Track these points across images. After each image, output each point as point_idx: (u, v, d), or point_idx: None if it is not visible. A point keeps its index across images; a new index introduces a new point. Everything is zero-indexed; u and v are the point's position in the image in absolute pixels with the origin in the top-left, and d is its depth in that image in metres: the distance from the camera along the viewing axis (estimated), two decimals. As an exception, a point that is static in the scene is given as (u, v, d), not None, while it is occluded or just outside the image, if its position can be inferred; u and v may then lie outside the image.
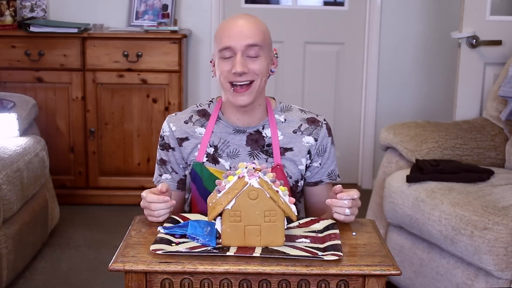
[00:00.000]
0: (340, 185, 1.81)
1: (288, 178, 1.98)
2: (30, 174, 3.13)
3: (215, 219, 1.61)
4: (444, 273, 2.66)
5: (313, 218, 1.83)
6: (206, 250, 1.57)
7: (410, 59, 4.41)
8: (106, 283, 3.08)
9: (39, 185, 3.31)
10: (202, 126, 1.99)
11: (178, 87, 3.97)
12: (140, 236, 1.69)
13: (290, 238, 1.67)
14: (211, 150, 1.98)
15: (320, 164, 2.02)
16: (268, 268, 1.51)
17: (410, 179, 2.81)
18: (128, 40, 3.93)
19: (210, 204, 1.64)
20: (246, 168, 1.61)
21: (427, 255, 2.75)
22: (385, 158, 3.21)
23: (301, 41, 4.45)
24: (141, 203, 1.81)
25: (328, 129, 2.03)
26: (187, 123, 2.00)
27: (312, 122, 2.01)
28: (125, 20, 4.25)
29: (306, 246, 1.63)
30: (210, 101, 2.05)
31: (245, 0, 4.42)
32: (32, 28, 3.88)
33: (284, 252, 1.57)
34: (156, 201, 1.76)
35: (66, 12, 4.23)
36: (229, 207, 1.58)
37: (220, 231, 1.61)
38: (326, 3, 4.56)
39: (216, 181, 1.66)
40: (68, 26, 3.92)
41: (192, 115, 2.02)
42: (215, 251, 1.57)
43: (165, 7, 4.18)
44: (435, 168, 2.80)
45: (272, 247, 1.60)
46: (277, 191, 1.60)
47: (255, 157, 1.97)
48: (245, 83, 1.88)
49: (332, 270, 1.51)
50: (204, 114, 2.01)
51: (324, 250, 1.59)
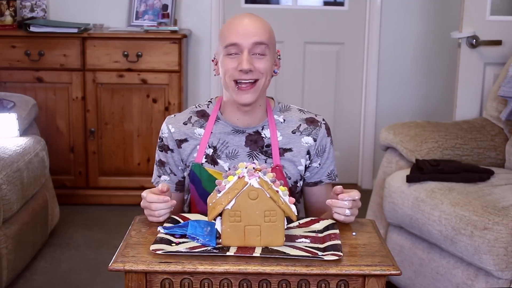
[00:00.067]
0: (341, 186, 1.81)
1: (287, 179, 1.97)
2: (30, 174, 3.13)
3: (215, 219, 1.61)
4: (444, 273, 2.66)
5: (313, 218, 1.82)
6: (206, 250, 1.57)
7: (410, 59, 4.41)
8: (106, 283, 3.08)
9: (39, 185, 3.31)
10: (201, 127, 1.99)
11: (178, 87, 3.97)
12: (140, 236, 1.69)
13: (290, 238, 1.67)
14: (210, 151, 1.97)
15: (319, 164, 2.01)
16: (268, 268, 1.51)
17: (410, 179, 2.81)
18: (128, 40, 3.93)
19: (210, 204, 1.64)
20: (246, 168, 1.61)
21: (427, 255, 2.75)
22: (385, 158, 3.21)
23: (301, 41, 4.45)
24: (141, 203, 1.80)
25: (327, 129, 2.02)
26: (186, 124, 1.99)
27: (311, 122, 2.00)
28: (125, 20, 4.25)
29: (306, 246, 1.62)
30: (209, 101, 2.04)
31: (245, 0, 4.42)
32: (32, 28, 3.88)
33: (284, 252, 1.56)
34: (157, 201, 1.76)
35: (66, 12, 4.23)
36: (229, 207, 1.58)
37: (220, 231, 1.61)
38: (326, 3, 4.56)
39: (216, 181, 1.65)
40: (68, 26, 3.92)
41: (191, 116, 2.01)
42: (215, 251, 1.57)
43: (165, 7, 4.18)
44: (435, 168, 2.80)
45: (272, 247, 1.59)
46: (277, 191, 1.60)
47: (254, 158, 1.96)
48: (249, 81, 1.87)
49: (332, 270, 1.51)
50: (203, 115, 2.01)
51: (324, 250, 1.59)
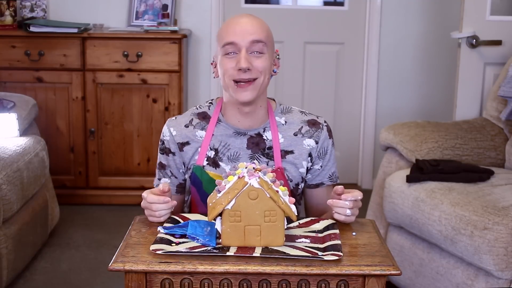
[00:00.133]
0: (342, 186, 1.81)
1: (289, 181, 1.97)
2: (30, 174, 3.13)
3: (215, 219, 1.61)
4: (444, 273, 2.66)
5: (313, 218, 1.82)
6: (206, 250, 1.57)
7: (410, 59, 4.41)
8: (106, 283, 3.08)
9: (39, 185, 3.31)
10: (202, 129, 1.98)
11: (178, 87, 3.97)
12: (140, 236, 1.69)
13: (290, 238, 1.67)
14: (211, 154, 1.96)
15: (321, 166, 2.01)
16: (268, 268, 1.51)
17: (410, 179, 2.81)
18: (128, 40, 3.93)
19: (210, 204, 1.64)
20: (246, 168, 1.61)
21: (427, 255, 2.75)
22: (385, 158, 3.21)
23: (301, 41, 4.45)
24: (141, 203, 1.80)
25: (329, 131, 2.02)
26: (188, 127, 1.98)
27: (313, 124, 2.00)
28: (125, 20, 4.25)
29: (306, 246, 1.62)
30: (210, 102, 2.03)
31: (245, 0, 4.42)
32: (32, 28, 3.88)
33: (284, 252, 1.56)
34: (157, 201, 1.76)
35: (66, 12, 4.23)
36: (229, 207, 1.57)
37: (220, 231, 1.61)
38: (326, 3, 4.56)
39: (216, 181, 1.65)
40: (68, 26, 3.92)
41: (192, 119, 2.00)
42: (215, 251, 1.57)
43: (165, 7, 4.18)
44: (435, 168, 2.80)
45: (272, 247, 1.59)
46: (277, 191, 1.60)
47: (256, 160, 1.96)
48: (248, 80, 1.86)
49: (332, 270, 1.51)
50: (204, 117, 2.00)
51: (324, 250, 1.59)
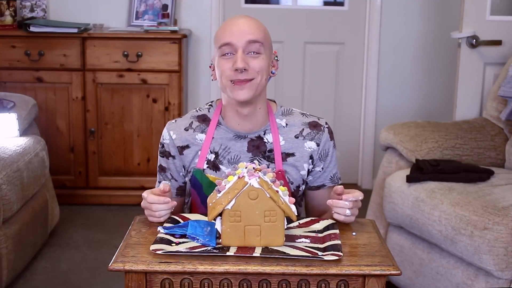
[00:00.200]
0: (342, 186, 1.80)
1: (290, 184, 1.96)
2: (30, 174, 3.13)
3: (215, 219, 1.61)
4: (444, 273, 2.66)
5: (313, 218, 1.82)
6: (206, 250, 1.57)
7: (410, 59, 4.41)
8: (106, 283, 3.08)
9: (39, 185, 3.31)
10: (202, 132, 1.97)
11: (178, 87, 3.97)
12: (140, 236, 1.69)
13: (290, 238, 1.67)
14: (211, 157, 1.96)
15: (322, 168, 2.00)
16: (268, 268, 1.51)
17: (410, 179, 2.80)
18: (128, 40, 3.93)
19: (210, 204, 1.64)
20: (246, 168, 1.61)
21: (427, 255, 2.75)
22: (385, 158, 3.21)
23: (301, 41, 4.45)
24: (141, 203, 1.80)
25: (330, 132, 2.01)
26: (188, 130, 1.98)
27: (314, 126, 1.99)
28: (125, 20, 4.25)
29: (306, 246, 1.62)
30: (210, 105, 2.02)
31: (245, 0, 4.42)
32: (32, 28, 3.88)
33: (284, 252, 1.56)
34: (157, 202, 1.76)
35: (66, 12, 4.23)
36: (229, 207, 1.57)
37: (220, 231, 1.61)
38: (326, 3, 4.56)
39: (216, 181, 1.65)
40: (68, 26, 3.92)
41: (192, 122, 1.99)
42: (215, 251, 1.57)
43: (165, 7, 4.18)
44: (435, 168, 2.80)
45: (272, 247, 1.59)
46: (277, 191, 1.60)
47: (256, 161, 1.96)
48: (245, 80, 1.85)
49: (332, 270, 1.51)
50: (204, 120, 1.99)
51: (324, 250, 1.59)
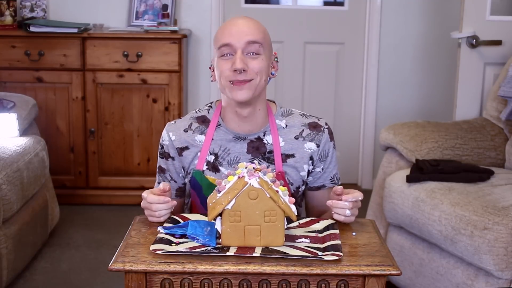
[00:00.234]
0: (341, 186, 1.80)
1: (290, 185, 1.96)
2: (30, 174, 3.13)
3: (215, 219, 1.61)
4: (444, 273, 2.66)
5: (313, 218, 1.82)
6: (206, 250, 1.57)
7: (410, 59, 4.41)
8: (106, 283, 3.08)
9: (39, 185, 3.31)
10: (202, 133, 1.96)
11: (178, 87, 3.97)
12: (140, 236, 1.69)
13: (290, 238, 1.67)
14: (211, 158, 1.95)
15: (322, 169, 2.00)
16: (268, 268, 1.51)
17: (410, 179, 2.80)
18: (128, 40, 3.93)
19: (210, 204, 1.64)
20: (246, 168, 1.61)
21: (427, 255, 2.75)
22: (385, 158, 3.21)
23: (301, 41, 4.45)
24: (141, 203, 1.80)
25: (330, 133, 2.00)
26: (187, 131, 1.97)
27: (314, 127, 1.98)
28: (125, 20, 4.25)
29: (306, 246, 1.62)
30: (210, 106, 2.01)
31: (245, 0, 4.42)
32: (32, 28, 3.88)
33: (284, 252, 1.56)
34: (157, 201, 1.76)
35: (66, 12, 4.23)
36: (229, 207, 1.57)
37: (220, 231, 1.61)
38: (326, 3, 4.56)
39: (216, 181, 1.65)
40: (68, 26, 3.92)
41: (191, 123, 1.98)
42: (215, 251, 1.57)
43: (165, 7, 4.18)
44: (435, 168, 2.80)
45: (272, 247, 1.59)
46: (277, 191, 1.60)
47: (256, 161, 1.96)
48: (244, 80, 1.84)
49: (332, 270, 1.51)
50: (203, 121, 1.98)
51: (324, 250, 1.59)
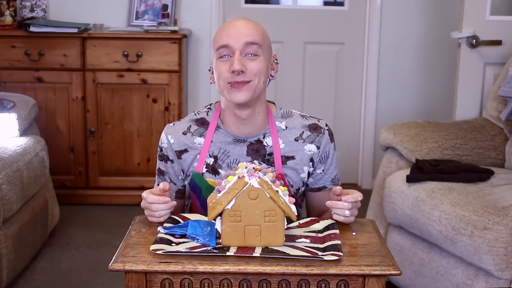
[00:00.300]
0: (340, 186, 1.80)
1: (290, 187, 1.95)
2: (30, 174, 3.13)
3: (215, 219, 1.61)
4: (444, 273, 2.66)
5: (313, 218, 1.82)
6: (206, 250, 1.57)
7: (410, 59, 4.41)
8: (106, 283, 3.08)
9: (39, 185, 3.31)
10: (201, 135, 1.95)
11: (178, 87, 3.97)
12: (140, 236, 1.69)
13: (290, 238, 1.67)
14: (210, 161, 1.94)
15: (323, 170, 1.99)
16: (268, 268, 1.51)
17: (410, 179, 2.80)
18: (128, 40, 3.93)
19: (210, 204, 1.64)
20: (246, 168, 1.61)
21: (427, 255, 2.75)
22: (385, 158, 3.21)
23: (301, 41, 4.45)
24: (141, 203, 1.80)
25: (330, 134, 1.99)
26: (186, 134, 1.96)
27: (314, 129, 1.97)
28: (125, 20, 4.25)
29: (306, 246, 1.62)
30: (209, 108, 2.00)
31: (245, 0, 4.42)
32: (32, 28, 3.88)
33: (284, 252, 1.56)
34: (157, 202, 1.75)
35: (66, 12, 4.23)
36: (229, 207, 1.57)
37: (220, 231, 1.61)
38: (326, 3, 4.56)
39: (216, 181, 1.65)
40: (68, 26, 3.92)
41: (190, 125, 1.97)
42: (215, 251, 1.57)
43: (165, 7, 4.18)
44: (435, 168, 2.80)
45: (272, 247, 1.59)
46: (277, 191, 1.60)
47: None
48: (242, 81, 1.83)
49: (332, 270, 1.51)
50: (202, 123, 1.97)
51: (324, 250, 1.59)
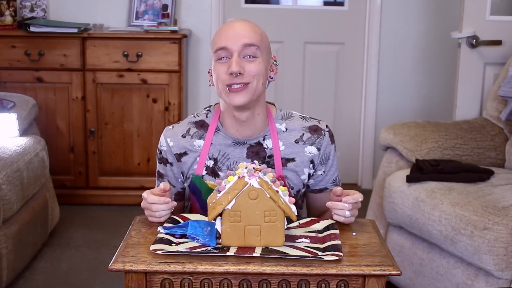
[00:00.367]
0: (341, 187, 1.80)
1: (290, 189, 1.95)
2: (30, 174, 3.13)
3: (215, 219, 1.61)
4: (444, 273, 2.66)
5: (313, 218, 1.82)
6: (206, 250, 1.57)
7: (410, 59, 4.41)
8: (106, 283, 3.08)
9: (39, 185, 3.31)
10: (200, 138, 1.94)
11: (178, 87, 3.97)
12: (140, 236, 1.69)
13: (290, 238, 1.67)
14: (210, 163, 1.93)
15: (324, 172, 1.99)
16: (268, 268, 1.51)
17: (410, 179, 2.80)
18: (128, 40, 3.93)
19: (210, 204, 1.64)
20: (246, 168, 1.61)
21: (427, 255, 2.75)
22: (385, 158, 3.21)
23: (301, 41, 4.45)
24: (141, 203, 1.80)
25: (331, 136, 1.98)
26: (185, 137, 1.95)
27: (315, 131, 1.96)
28: (125, 20, 4.25)
29: (306, 246, 1.62)
30: (208, 110, 1.99)
31: (245, 0, 4.42)
32: (32, 28, 3.88)
33: (284, 252, 1.56)
34: (157, 202, 1.75)
35: (66, 12, 4.23)
36: (229, 207, 1.57)
37: (220, 231, 1.61)
38: (326, 3, 4.56)
39: (216, 181, 1.65)
40: (68, 26, 3.92)
41: (189, 128, 1.96)
42: (215, 251, 1.57)
43: (165, 7, 4.18)
44: (435, 168, 2.80)
45: (272, 247, 1.59)
46: (277, 191, 1.60)
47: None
48: (240, 86, 1.82)
49: (332, 270, 1.51)
50: (202, 125, 1.96)
51: (324, 250, 1.59)
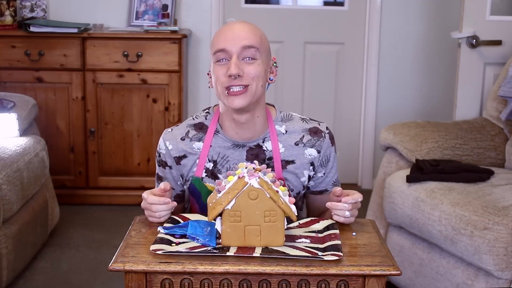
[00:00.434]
0: (341, 188, 1.80)
1: (290, 191, 1.94)
2: (30, 174, 3.13)
3: (215, 219, 1.61)
4: (444, 273, 2.66)
5: (313, 218, 1.82)
6: (206, 250, 1.57)
7: (410, 59, 4.41)
8: (106, 283, 3.08)
9: (39, 185, 3.31)
10: (199, 140, 1.93)
11: (178, 87, 3.97)
12: (140, 236, 1.69)
13: (290, 238, 1.67)
14: (210, 165, 1.93)
15: (324, 174, 1.98)
16: (268, 268, 1.51)
17: (410, 179, 2.80)
18: (128, 40, 3.93)
19: (210, 204, 1.64)
20: (246, 168, 1.61)
21: (427, 255, 2.75)
22: (385, 158, 3.21)
23: (301, 41, 4.45)
24: (141, 204, 1.80)
25: (331, 138, 1.97)
26: (184, 139, 1.94)
27: (315, 133, 1.95)
28: (125, 20, 4.25)
29: (306, 246, 1.62)
30: (207, 112, 1.98)
31: (245, 0, 4.42)
32: (32, 28, 3.88)
33: (284, 252, 1.56)
34: (157, 202, 1.75)
35: (66, 12, 4.23)
36: (229, 207, 1.57)
37: (220, 231, 1.61)
38: (326, 3, 4.56)
39: (216, 181, 1.65)
40: (68, 26, 3.92)
41: (188, 130, 1.95)
42: (215, 251, 1.57)
43: (165, 7, 4.18)
44: (435, 168, 2.80)
45: (272, 247, 1.59)
46: (277, 191, 1.60)
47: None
48: (239, 88, 1.81)
49: (332, 270, 1.51)
50: (201, 128, 1.95)
51: (324, 250, 1.59)
